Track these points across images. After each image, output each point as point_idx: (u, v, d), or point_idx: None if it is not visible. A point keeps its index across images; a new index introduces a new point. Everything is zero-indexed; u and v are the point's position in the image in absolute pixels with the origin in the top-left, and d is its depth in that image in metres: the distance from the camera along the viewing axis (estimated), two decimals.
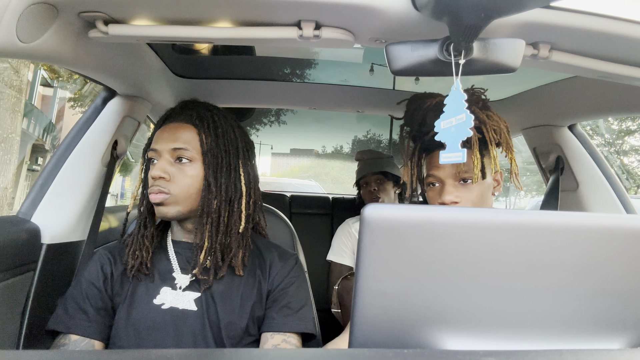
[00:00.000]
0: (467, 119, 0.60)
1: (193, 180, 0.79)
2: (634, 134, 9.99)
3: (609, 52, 0.73)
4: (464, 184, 0.84)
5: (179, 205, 0.78)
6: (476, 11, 0.51)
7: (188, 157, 0.79)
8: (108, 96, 1.07)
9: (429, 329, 0.36)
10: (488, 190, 0.87)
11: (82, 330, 0.74)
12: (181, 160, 0.79)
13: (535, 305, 0.37)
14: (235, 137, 0.84)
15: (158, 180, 0.77)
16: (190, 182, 0.78)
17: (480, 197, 0.84)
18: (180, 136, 0.80)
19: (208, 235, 0.78)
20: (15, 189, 8.75)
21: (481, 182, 0.84)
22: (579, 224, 0.36)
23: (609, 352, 0.33)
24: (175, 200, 0.77)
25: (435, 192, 0.87)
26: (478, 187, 0.84)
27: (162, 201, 0.76)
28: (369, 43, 0.73)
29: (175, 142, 0.79)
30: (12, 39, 0.59)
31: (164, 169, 0.77)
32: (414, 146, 0.94)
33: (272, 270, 0.84)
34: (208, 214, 0.78)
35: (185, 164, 0.79)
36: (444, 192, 0.84)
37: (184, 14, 0.67)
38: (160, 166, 0.77)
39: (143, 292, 0.78)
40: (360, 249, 0.35)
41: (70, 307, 0.75)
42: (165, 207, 0.77)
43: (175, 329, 0.75)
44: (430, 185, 0.89)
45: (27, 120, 9.93)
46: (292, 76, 1.63)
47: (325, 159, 5.59)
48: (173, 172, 0.78)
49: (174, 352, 0.28)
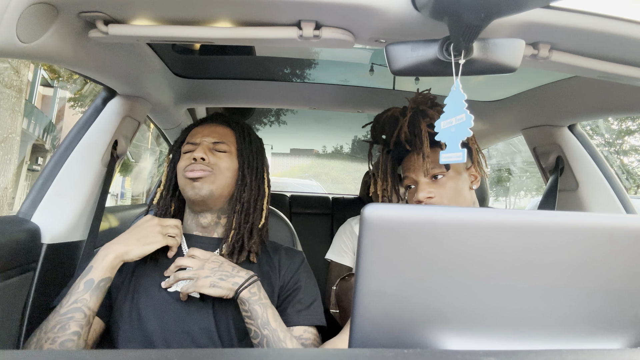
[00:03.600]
0: (467, 119, 0.60)
1: (228, 169, 0.87)
2: (634, 134, 9.99)
3: (609, 52, 0.73)
4: (436, 180, 0.90)
5: (214, 185, 0.84)
6: (476, 11, 0.51)
7: (225, 150, 0.89)
8: (108, 96, 1.07)
9: (429, 329, 0.36)
10: (464, 185, 0.91)
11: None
12: (218, 151, 0.88)
13: (535, 305, 0.37)
14: (262, 146, 0.97)
15: (198, 161, 0.84)
16: (225, 169, 0.87)
17: (455, 191, 0.89)
18: (218, 132, 0.91)
19: (236, 220, 0.86)
20: (15, 189, 8.75)
21: (452, 177, 0.90)
22: (579, 224, 0.36)
23: (609, 352, 0.33)
24: (212, 179, 0.84)
25: (412, 193, 0.93)
26: (450, 181, 0.89)
27: (201, 176, 0.83)
28: (369, 43, 0.73)
29: (214, 136, 0.89)
30: (12, 39, 0.59)
31: (205, 152, 0.85)
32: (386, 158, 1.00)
33: (281, 268, 0.88)
34: (240, 201, 0.87)
35: (222, 155, 0.88)
36: (418, 190, 0.90)
37: (184, 14, 0.67)
38: (202, 149, 0.85)
39: (150, 279, 0.81)
40: (360, 249, 0.35)
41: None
42: (201, 182, 0.83)
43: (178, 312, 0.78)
44: (408, 188, 0.95)
45: (27, 120, 9.94)
46: (292, 76, 1.63)
47: (325, 159, 5.59)
48: (212, 158, 0.86)
49: (174, 352, 0.28)
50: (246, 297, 0.74)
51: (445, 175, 0.90)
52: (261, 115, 2.62)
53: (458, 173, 0.91)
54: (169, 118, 1.53)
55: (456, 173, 0.91)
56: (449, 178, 0.90)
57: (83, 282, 0.70)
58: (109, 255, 0.73)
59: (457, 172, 0.91)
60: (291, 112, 2.46)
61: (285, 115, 2.63)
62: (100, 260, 0.72)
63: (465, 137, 0.61)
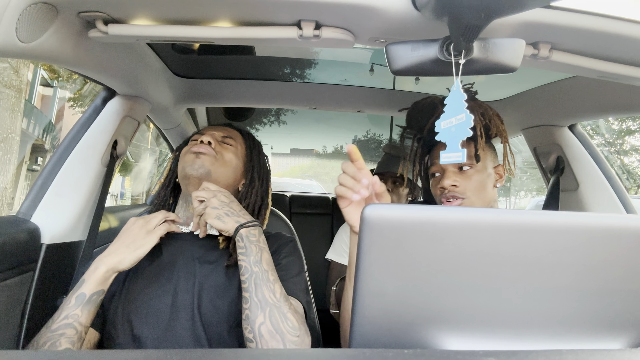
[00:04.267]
0: (467, 119, 0.60)
1: (230, 163, 0.91)
2: (634, 134, 9.99)
3: (609, 52, 0.73)
4: (463, 171, 0.93)
5: (213, 167, 0.87)
6: (476, 11, 0.51)
7: (231, 144, 0.94)
8: (108, 96, 1.07)
9: (429, 329, 0.36)
10: (488, 180, 0.94)
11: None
12: (225, 143, 0.93)
13: (535, 305, 0.37)
14: (267, 162, 1.01)
15: (205, 144, 0.88)
16: (228, 161, 0.90)
17: (479, 184, 0.92)
18: (227, 130, 0.97)
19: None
20: (15, 189, 8.76)
21: (479, 170, 0.93)
22: (579, 224, 0.36)
23: (609, 352, 0.33)
24: (213, 162, 0.87)
25: (437, 180, 0.96)
26: (476, 174, 0.92)
27: (205, 152, 0.87)
28: (369, 43, 0.73)
29: (224, 132, 0.95)
30: (12, 39, 0.59)
31: (213, 138, 0.90)
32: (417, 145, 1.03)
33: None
34: (246, 199, 0.91)
35: (228, 147, 0.92)
36: (444, 178, 0.93)
37: (184, 14, 0.67)
38: (209, 136, 0.89)
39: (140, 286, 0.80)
40: (360, 249, 0.35)
41: None
42: (202, 159, 0.86)
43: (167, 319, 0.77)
44: (433, 175, 0.98)
45: (26, 120, 9.94)
46: (292, 76, 1.62)
47: (325, 159, 5.58)
48: (218, 147, 0.90)
49: (174, 352, 0.28)
50: (245, 234, 0.76)
51: (473, 167, 0.93)
52: (261, 115, 2.61)
53: (485, 168, 0.94)
54: (169, 118, 1.53)
55: (483, 168, 0.94)
56: (475, 171, 0.92)
57: (75, 296, 0.69)
58: (100, 268, 0.71)
59: (484, 167, 0.94)
60: (291, 112, 2.45)
61: (285, 115, 2.63)
62: (92, 273, 0.71)
63: (465, 136, 0.61)
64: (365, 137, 3.46)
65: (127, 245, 0.75)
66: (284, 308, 0.68)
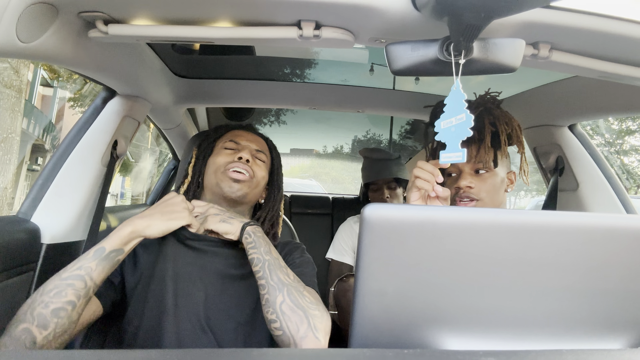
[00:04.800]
0: (467, 119, 0.60)
1: (263, 179, 0.94)
2: (634, 134, 9.99)
3: (609, 52, 0.73)
4: (479, 174, 0.97)
5: (249, 189, 0.89)
6: (476, 11, 0.51)
7: (264, 160, 0.96)
8: (108, 96, 1.07)
9: (429, 329, 0.36)
10: (501, 185, 0.98)
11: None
12: (259, 160, 0.95)
13: (535, 305, 0.37)
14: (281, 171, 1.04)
15: (243, 162, 0.89)
16: (261, 179, 0.93)
17: (493, 188, 0.96)
18: (259, 142, 0.99)
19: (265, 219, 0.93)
20: (15, 189, 8.76)
21: (494, 174, 0.96)
22: (579, 224, 0.36)
23: (609, 352, 0.33)
24: (250, 185, 0.89)
25: (453, 180, 1.00)
26: (491, 178, 0.96)
27: (244, 179, 0.88)
28: (369, 43, 0.73)
29: (256, 145, 0.97)
30: (12, 39, 0.59)
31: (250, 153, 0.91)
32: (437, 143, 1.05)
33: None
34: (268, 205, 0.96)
35: (261, 164, 0.95)
36: (460, 179, 0.96)
37: (184, 14, 0.67)
38: (248, 153, 0.91)
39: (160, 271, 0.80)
40: (360, 249, 0.35)
41: None
42: (241, 185, 0.88)
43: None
44: (449, 175, 1.01)
45: (27, 120, 9.94)
46: (292, 76, 1.62)
47: (325, 159, 5.58)
48: (254, 165, 0.92)
49: (174, 352, 0.28)
50: (251, 231, 0.78)
51: (489, 171, 0.96)
52: (261, 115, 2.61)
53: (500, 173, 0.98)
54: (169, 118, 1.53)
55: (498, 173, 0.97)
56: (491, 175, 0.96)
57: (94, 249, 0.68)
58: (126, 228, 0.71)
59: (500, 172, 0.98)
60: (291, 112, 2.45)
61: (285, 115, 2.63)
62: (117, 231, 0.71)
63: (465, 136, 0.61)
64: (365, 137, 3.46)
65: (163, 213, 0.76)
66: (299, 287, 0.71)
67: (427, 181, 0.76)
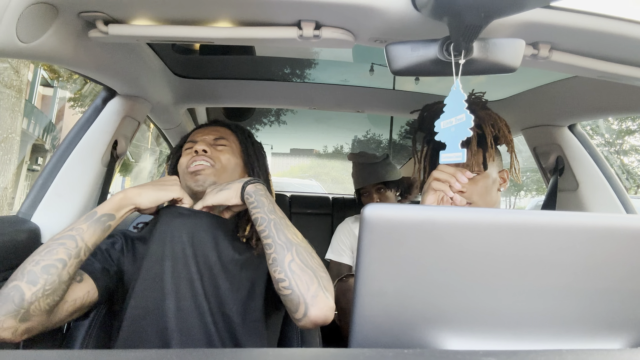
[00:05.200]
0: (467, 119, 0.60)
1: (229, 163, 0.90)
2: (634, 134, 10.00)
3: (609, 52, 0.73)
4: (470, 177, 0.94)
5: (215, 177, 0.87)
6: (476, 11, 0.51)
7: (225, 144, 0.92)
8: (108, 96, 1.07)
9: (429, 329, 0.36)
10: (493, 185, 0.96)
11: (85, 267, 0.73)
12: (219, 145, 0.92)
13: (535, 305, 0.37)
14: (264, 151, 0.99)
15: (200, 154, 0.87)
16: (226, 163, 0.90)
17: (485, 190, 0.94)
18: (217, 130, 0.95)
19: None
20: (15, 189, 8.76)
21: (485, 176, 0.94)
22: (579, 224, 0.36)
23: (609, 352, 0.33)
24: (213, 172, 0.87)
25: None
26: (482, 180, 0.94)
27: (202, 169, 0.86)
28: (369, 43, 0.73)
29: (213, 134, 0.94)
30: (12, 39, 0.59)
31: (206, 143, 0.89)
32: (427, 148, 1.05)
33: None
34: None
35: (222, 149, 0.91)
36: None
37: (184, 14, 0.67)
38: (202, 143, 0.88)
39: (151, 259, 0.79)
40: (360, 249, 0.35)
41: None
42: (203, 175, 0.86)
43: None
44: None
45: (27, 120, 9.94)
46: (292, 76, 1.63)
47: (325, 159, 5.59)
48: (213, 151, 0.89)
49: (174, 352, 0.28)
50: (252, 190, 0.77)
51: (479, 173, 0.95)
52: (261, 115, 2.62)
53: (491, 174, 0.96)
54: (169, 118, 1.53)
55: (489, 174, 0.96)
56: (482, 177, 0.94)
57: (86, 214, 0.69)
58: (118, 194, 0.72)
59: (491, 173, 0.96)
60: (291, 112, 2.45)
61: (285, 115, 2.63)
62: (110, 198, 0.72)
63: (465, 137, 0.61)
64: (365, 137, 3.46)
65: (154, 184, 0.78)
66: (308, 248, 0.69)
67: (446, 182, 0.74)
